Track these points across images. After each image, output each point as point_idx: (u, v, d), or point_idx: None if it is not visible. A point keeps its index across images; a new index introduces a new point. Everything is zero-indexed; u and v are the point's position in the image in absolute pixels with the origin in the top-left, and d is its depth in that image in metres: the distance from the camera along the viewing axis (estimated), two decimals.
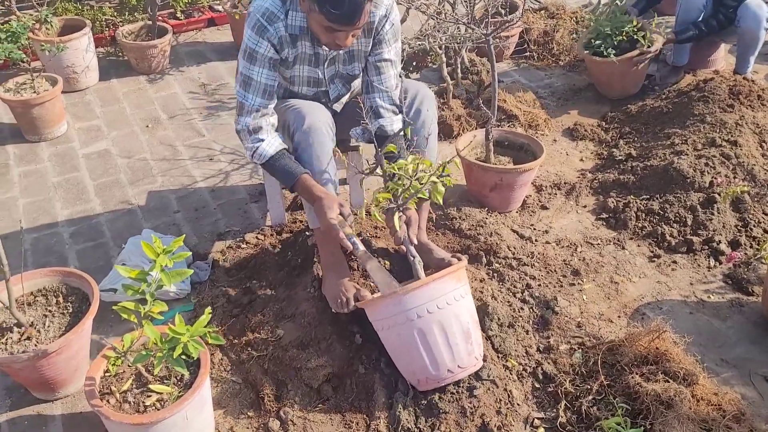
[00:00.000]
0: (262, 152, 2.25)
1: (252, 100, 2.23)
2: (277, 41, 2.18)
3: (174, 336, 1.73)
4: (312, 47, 2.27)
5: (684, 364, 2.09)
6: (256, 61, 2.20)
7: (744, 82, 3.37)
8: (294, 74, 2.34)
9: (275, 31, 2.16)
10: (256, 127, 2.25)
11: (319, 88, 2.43)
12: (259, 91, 2.23)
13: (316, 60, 2.32)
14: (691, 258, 2.77)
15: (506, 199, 2.99)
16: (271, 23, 2.15)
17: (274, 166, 2.27)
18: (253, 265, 2.69)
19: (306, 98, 2.46)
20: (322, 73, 2.37)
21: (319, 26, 2.07)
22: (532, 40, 4.42)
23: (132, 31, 4.36)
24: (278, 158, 2.26)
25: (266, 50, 2.18)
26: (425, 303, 1.94)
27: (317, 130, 2.24)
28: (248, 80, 2.22)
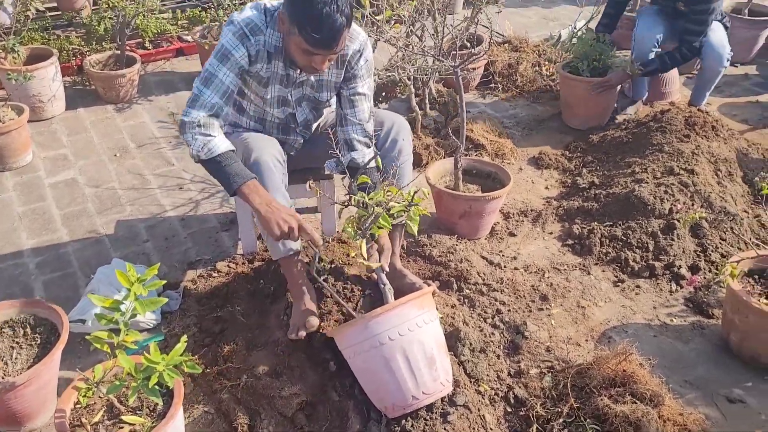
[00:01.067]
0: (213, 147, 2.14)
1: (209, 96, 2.16)
2: (255, 52, 2.21)
3: (149, 365, 1.72)
4: (284, 68, 2.30)
5: (650, 386, 2.15)
6: (227, 62, 2.18)
7: (699, 114, 3.52)
8: (267, 96, 2.38)
9: (255, 43, 2.19)
10: (207, 122, 2.15)
11: (286, 110, 2.47)
12: (220, 91, 2.18)
13: (287, 81, 2.36)
14: (653, 282, 2.86)
15: (475, 226, 3.05)
16: (254, 34, 2.19)
17: (219, 167, 2.15)
18: (225, 294, 2.68)
19: (279, 121, 2.50)
20: (290, 94, 2.41)
21: (297, 48, 2.11)
22: (497, 72, 4.55)
23: (100, 60, 4.36)
24: (228, 157, 2.16)
25: (241, 56, 2.19)
26: (388, 330, 1.97)
27: (264, 164, 2.24)
28: (212, 77, 2.17)
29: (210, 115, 2.17)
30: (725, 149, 3.38)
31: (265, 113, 2.47)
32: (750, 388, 2.39)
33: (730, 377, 2.43)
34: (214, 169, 2.19)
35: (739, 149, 3.48)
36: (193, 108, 2.17)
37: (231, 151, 2.18)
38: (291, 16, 2.06)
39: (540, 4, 6.21)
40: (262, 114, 2.48)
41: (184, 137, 2.20)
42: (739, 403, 2.32)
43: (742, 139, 3.69)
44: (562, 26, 5.23)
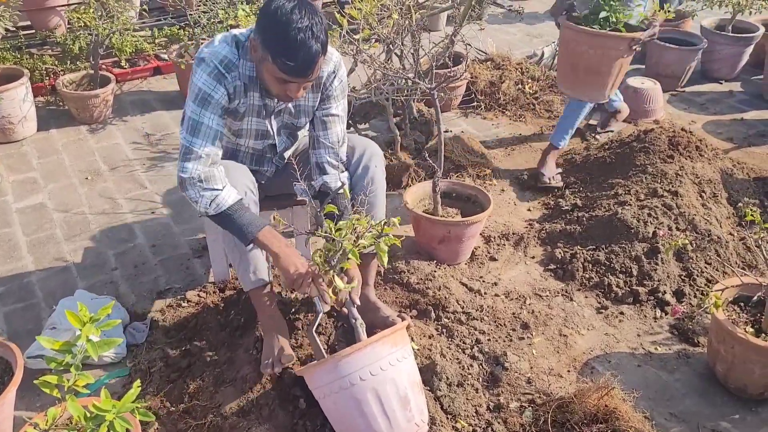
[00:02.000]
0: (221, 201, 2.07)
1: (201, 146, 2.07)
2: (233, 90, 2.12)
3: (98, 413, 1.61)
4: (260, 99, 2.21)
5: (633, 423, 2.07)
6: (209, 107, 2.08)
7: (683, 133, 3.47)
8: (242, 127, 2.28)
9: (232, 80, 2.10)
10: (208, 176, 2.07)
11: (266, 141, 2.38)
12: (210, 137, 2.08)
13: (265, 112, 2.27)
14: (637, 309, 2.78)
15: (455, 251, 2.96)
16: (229, 72, 2.08)
17: (229, 219, 2.10)
18: (194, 325, 2.58)
19: (253, 152, 2.41)
20: (269, 125, 2.32)
21: (271, 77, 2.02)
22: (479, 91, 4.49)
23: (73, 80, 4.26)
24: (237, 208, 2.10)
25: (221, 97, 2.09)
26: (358, 370, 1.88)
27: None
28: (198, 125, 2.07)
29: (209, 166, 2.08)
30: (709, 170, 3.32)
31: (238, 145, 2.38)
32: (737, 420, 2.31)
33: (717, 409, 2.35)
34: (224, 221, 2.11)
35: (724, 170, 3.42)
36: (188, 162, 2.06)
37: (239, 201, 2.11)
38: (264, 43, 1.96)
39: (524, 21, 6.17)
40: (234, 146, 2.39)
41: (186, 194, 2.10)
42: None
43: (726, 159, 3.64)
44: (546, 43, 5.18)
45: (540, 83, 4.63)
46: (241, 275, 2.27)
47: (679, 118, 4.39)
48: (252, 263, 2.23)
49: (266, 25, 1.95)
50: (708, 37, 4.81)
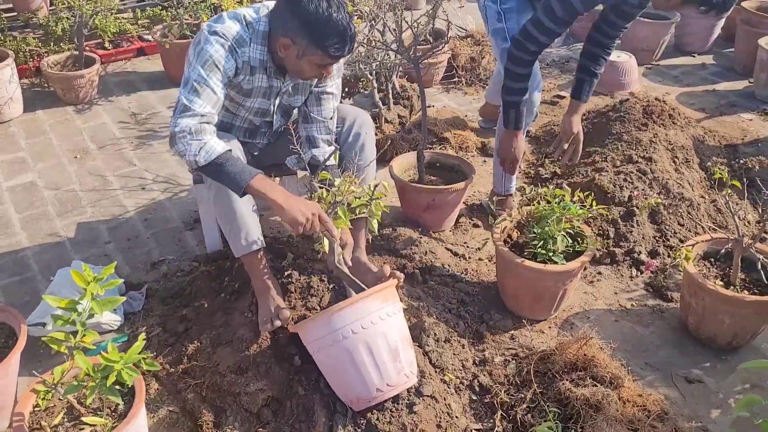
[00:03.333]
0: (210, 149, 2.04)
1: (201, 106, 2.07)
2: (241, 65, 2.20)
3: (107, 364, 1.70)
4: (267, 80, 2.30)
5: (610, 369, 2.19)
6: (217, 73, 2.11)
7: (656, 103, 3.59)
8: (247, 104, 2.37)
9: (241, 55, 2.18)
10: (199, 129, 2.05)
11: (264, 119, 2.47)
12: (211, 101, 2.10)
13: (270, 92, 2.35)
14: (614, 269, 2.91)
15: (440, 218, 3.07)
16: (240, 47, 2.17)
17: (222, 165, 2.05)
18: (189, 293, 2.67)
19: (248, 125, 2.49)
20: (272, 105, 2.41)
21: (312, 65, 2.15)
22: (460, 66, 4.58)
23: (58, 61, 4.28)
24: (228, 157, 2.07)
25: (230, 68, 2.17)
26: (350, 323, 1.98)
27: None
28: (203, 88, 2.08)
29: (203, 123, 2.07)
30: (682, 137, 3.45)
31: (235, 119, 2.46)
32: (708, 368, 2.44)
33: (689, 358, 2.48)
34: (215, 171, 2.08)
35: (696, 137, 3.56)
36: (183, 118, 2.06)
37: (228, 151, 2.09)
38: (311, 40, 2.07)
39: None
40: (231, 119, 2.47)
41: (175, 149, 2.08)
42: (698, 383, 2.38)
43: (698, 127, 3.77)
44: None
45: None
46: (232, 242, 2.33)
47: (653, 90, 4.52)
48: (243, 229, 2.29)
49: (309, 25, 2.05)
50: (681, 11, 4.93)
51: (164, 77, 4.65)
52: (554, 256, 2.43)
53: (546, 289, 2.50)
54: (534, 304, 2.57)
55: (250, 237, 2.31)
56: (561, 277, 2.45)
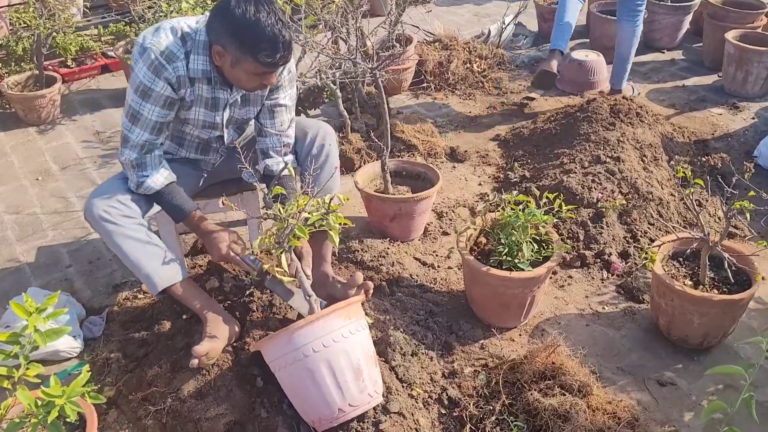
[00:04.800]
0: (147, 187, 2.22)
1: (138, 135, 2.16)
2: (176, 80, 2.13)
3: (49, 400, 1.63)
4: (211, 90, 2.23)
5: (578, 377, 2.15)
6: (149, 99, 2.11)
7: (623, 101, 3.57)
8: (189, 116, 2.30)
9: (174, 71, 2.10)
10: (140, 162, 2.19)
11: (213, 133, 2.40)
12: (148, 127, 2.15)
13: (214, 104, 2.28)
14: (585, 272, 2.87)
15: (407, 227, 3.02)
16: (170, 62, 2.09)
17: (161, 200, 2.26)
18: (150, 316, 2.59)
19: (198, 141, 2.42)
20: (219, 118, 2.34)
21: (248, 74, 2.07)
22: (428, 71, 4.54)
23: (18, 81, 4.20)
24: (164, 194, 2.24)
25: (162, 89, 2.11)
26: (311, 342, 1.92)
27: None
28: (137, 115, 2.14)
29: (143, 154, 2.18)
30: (650, 135, 3.43)
31: (183, 133, 2.40)
32: (680, 369, 2.41)
33: (661, 361, 2.45)
34: (156, 201, 2.28)
35: (664, 134, 3.54)
36: (125, 149, 2.19)
37: (169, 184, 2.24)
38: (239, 47, 2.01)
39: (472, 2, 6.24)
40: (180, 134, 2.40)
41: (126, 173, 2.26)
42: (670, 386, 2.34)
43: (667, 123, 3.75)
44: (493, 22, 5.26)
45: (488, 61, 4.70)
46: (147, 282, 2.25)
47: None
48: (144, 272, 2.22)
49: (236, 31, 1.99)
50: (648, 8, 4.91)
51: None
52: (520, 264, 2.39)
53: (513, 297, 2.46)
54: (502, 312, 2.53)
55: (151, 279, 2.24)
56: (528, 284, 2.41)
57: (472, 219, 2.65)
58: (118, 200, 2.18)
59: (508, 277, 2.37)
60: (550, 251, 2.48)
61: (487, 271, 2.38)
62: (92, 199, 2.19)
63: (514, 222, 2.40)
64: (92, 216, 2.16)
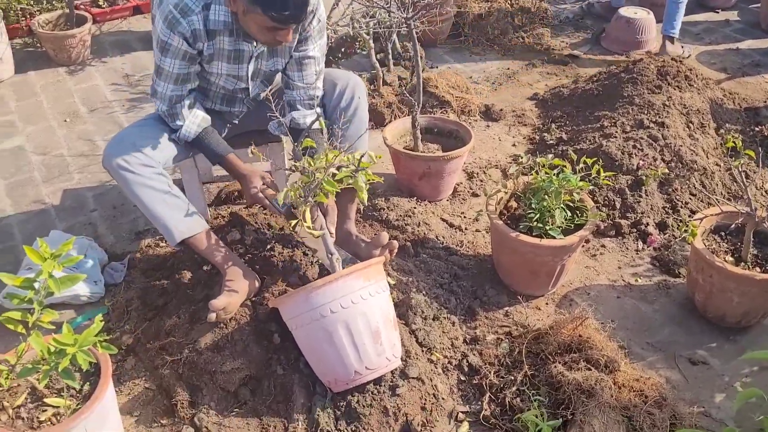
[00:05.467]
0: (183, 136, 2.25)
1: (164, 87, 2.17)
2: (190, 34, 2.05)
3: (61, 347, 1.61)
4: (234, 43, 2.14)
5: (606, 351, 2.07)
6: (167, 53, 2.09)
7: (672, 63, 3.37)
8: (212, 71, 2.23)
9: (188, 24, 2.02)
10: (172, 113, 2.22)
11: (238, 84, 2.32)
12: (171, 79, 2.15)
13: (239, 57, 2.20)
14: (619, 241, 2.75)
15: (436, 187, 2.92)
16: (185, 16, 2.01)
17: (197, 145, 2.29)
18: (171, 265, 2.57)
19: (224, 92, 2.35)
20: (244, 71, 2.25)
21: (259, 27, 1.97)
22: (466, 24, 4.36)
23: (49, 20, 4.14)
24: (199, 139, 2.26)
25: (178, 44, 2.05)
26: (329, 302, 1.87)
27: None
28: (160, 69, 2.14)
29: (173, 104, 2.20)
30: (698, 100, 3.24)
31: (209, 84, 2.33)
32: (714, 349, 2.31)
33: (694, 338, 2.34)
34: (193, 145, 2.31)
35: (714, 100, 3.34)
36: (156, 99, 2.23)
37: (204, 129, 2.25)
38: None
39: None
40: (205, 84, 2.34)
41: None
42: (702, 365, 2.25)
43: (717, 89, 3.55)
44: None
45: (530, 15, 4.49)
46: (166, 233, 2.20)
47: None
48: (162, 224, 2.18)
49: None
50: None
51: None
52: (551, 230, 2.28)
53: (542, 265, 2.36)
54: (530, 279, 2.44)
55: (169, 230, 2.19)
56: (558, 253, 2.31)
57: (504, 181, 2.54)
58: (137, 149, 2.13)
59: (538, 244, 2.27)
60: (584, 219, 2.37)
61: (516, 237, 2.29)
62: (111, 147, 2.14)
63: (547, 187, 2.29)
64: (110, 165, 2.12)
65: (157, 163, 2.16)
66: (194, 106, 2.25)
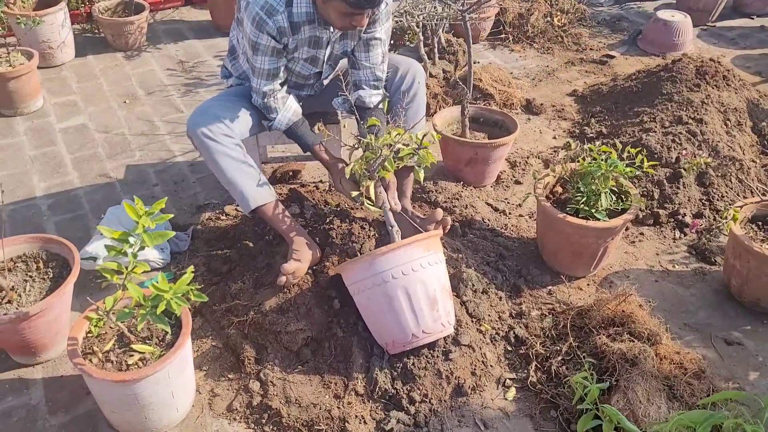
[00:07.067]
0: (276, 126, 2.44)
1: (258, 83, 2.34)
2: (277, 33, 2.21)
3: (157, 294, 1.77)
4: (314, 29, 2.29)
5: (648, 325, 2.19)
6: (258, 52, 2.25)
7: (710, 63, 3.48)
8: (295, 55, 2.39)
9: (274, 24, 2.18)
10: (265, 105, 2.40)
11: (313, 69, 2.48)
12: (263, 76, 2.32)
13: (318, 42, 2.35)
14: (657, 230, 2.87)
15: (481, 173, 3.06)
16: (271, 16, 2.17)
17: (289, 135, 2.48)
18: (233, 236, 2.73)
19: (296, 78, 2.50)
20: (322, 54, 2.41)
21: (337, 13, 2.12)
22: (507, 23, 4.50)
23: (108, 7, 4.34)
24: (289, 131, 2.46)
25: (267, 42, 2.22)
26: (391, 268, 2.01)
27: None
28: (254, 67, 2.31)
29: (267, 99, 2.37)
30: (735, 99, 3.35)
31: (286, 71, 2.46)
32: (748, 331, 2.42)
33: (730, 321, 2.46)
34: (286, 135, 2.50)
35: (750, 99, 3.45)
36: (253, 92, 2.40)
37: (295, 123, 2.44)
38: None
39: None
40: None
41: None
42: (737, 345, 2.36)
43: (753, 90, 3.64)
44: None
45: (569, 16, 4.62)
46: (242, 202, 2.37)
47: (707, 52, 4.38)
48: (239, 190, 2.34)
49: None
50: None
51: (211, 27, 4.69)
52: (597, 213, 2.41)
53: (587, 246, 2.49)
54: (574, 260, 2.56)
55: (245, 198, 2.35)
56: (603, 234, 2.44)
57: (553, 165, 2.67)
58: (220, 119, 2.29)
59: (584, 225, 2.40)
60: (627, 204, 2.49)
61: (563, 218, 2.42)
62: (196, 116, 2.29)
63: (595, 171, 2.42)
64: (194, 133, 2.27)
65: (236, 135, 2.32)
66: (287, 99, 2.42)
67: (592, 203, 2.43)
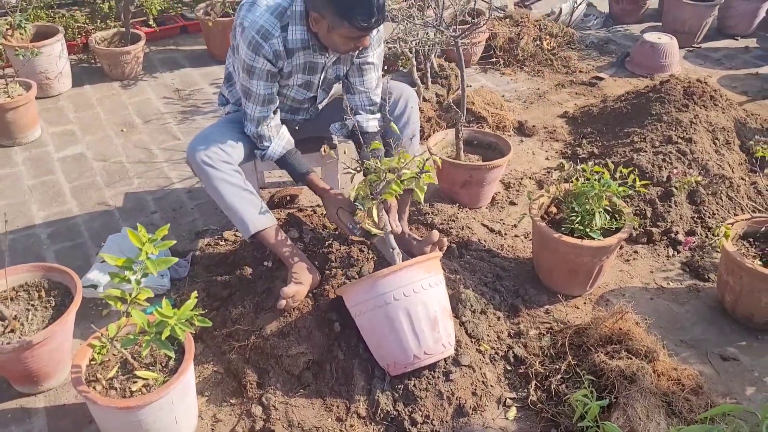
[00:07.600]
0: (269, 156, 2.46)
1: (252, 109, 2.37)
2: (272, 56, 2.25)
3: (162, 320, 1.79)
4: (309, 55, 2.33)
5: (645, 342, 2.22)
6: (253, 76, 2.28)
7: (697, 84, 3.56)
8: (289, 82, 2.43)
9: (270, 47, 2.22)
10: (259, 134, 2.42)
11: (308, 94, 2.53)
12: (259, 101, 2.35)
13: (313, 68, 2.40)
14: (651, 248, 2.92)
15: (476, 195, 3.11)
16: (266, 40, 2.21)
17: (282, 164, 2.50)
18: (232, 261, 2.75)
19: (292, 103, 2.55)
20: (316, 79, 2.46)
21: (343, 38, 2.17)
22: (498, 47, 4.58)
23: (105, 37, 4.40)
24: (282, 160, 2.48)
25: (263, 65, 2.25)
26: (393, 290, 2.04)
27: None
28: (248, 92, 2.34)
29: (260, 126, 2.40)
30: (723, 118, 3.42)
31: (280, 96, 2.51)
32: (744, 346, 2.45)
33: (725, 337, 2.49)
34: (278, 164, 2.52)
35: (738, 119, 3.52)
36: (246, 121, 2.43)
37: (288, 152, 2.46)
38: (336, 12, 2.09)
39: None
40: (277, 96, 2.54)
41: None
42: (733, 361, 2.39)
43: (740, 109, 3.72)
44: (565, 1, 5.24)
45: (557, 39, 4.71)
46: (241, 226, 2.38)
47: (694, 73, 4.47)
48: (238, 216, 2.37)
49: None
50: None
51: (206, 55, 4.75)
52: (591, 232, 2.46)
53: (582, 265, 2.53)
54: (569, 279, 2.60)
55: (245, 223, 2.38)
56: (598, 253, 2.48)
57: (547, 186, 2.71)
58: (219, 146, 2.33)
59: (579, 244, 2.44)
60: (621, 223, 2.54)
61: (558, 237, 2.46)
62: (195, 143, 2.33)
63: (589, 191, 2.46)
64: (194, 160, 2.31)
65: (235, 161, 2.36)
66: (281, 127, 2.46)
67: (587, 223, 2.48)
